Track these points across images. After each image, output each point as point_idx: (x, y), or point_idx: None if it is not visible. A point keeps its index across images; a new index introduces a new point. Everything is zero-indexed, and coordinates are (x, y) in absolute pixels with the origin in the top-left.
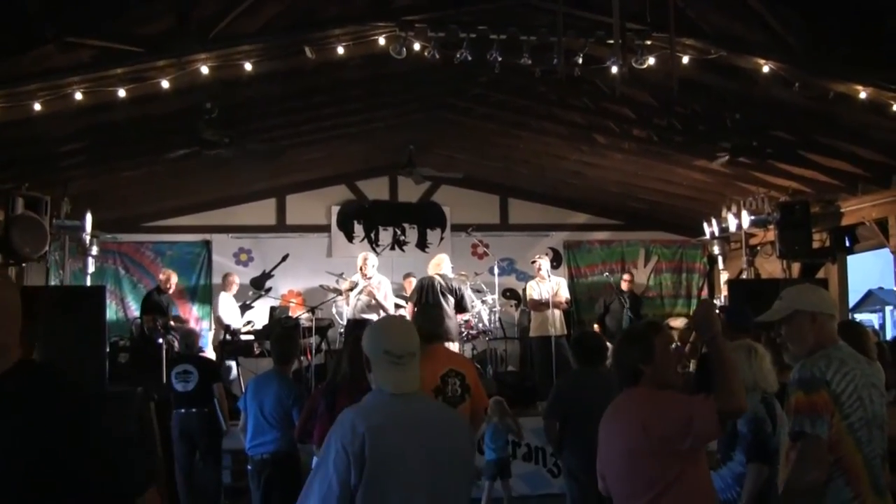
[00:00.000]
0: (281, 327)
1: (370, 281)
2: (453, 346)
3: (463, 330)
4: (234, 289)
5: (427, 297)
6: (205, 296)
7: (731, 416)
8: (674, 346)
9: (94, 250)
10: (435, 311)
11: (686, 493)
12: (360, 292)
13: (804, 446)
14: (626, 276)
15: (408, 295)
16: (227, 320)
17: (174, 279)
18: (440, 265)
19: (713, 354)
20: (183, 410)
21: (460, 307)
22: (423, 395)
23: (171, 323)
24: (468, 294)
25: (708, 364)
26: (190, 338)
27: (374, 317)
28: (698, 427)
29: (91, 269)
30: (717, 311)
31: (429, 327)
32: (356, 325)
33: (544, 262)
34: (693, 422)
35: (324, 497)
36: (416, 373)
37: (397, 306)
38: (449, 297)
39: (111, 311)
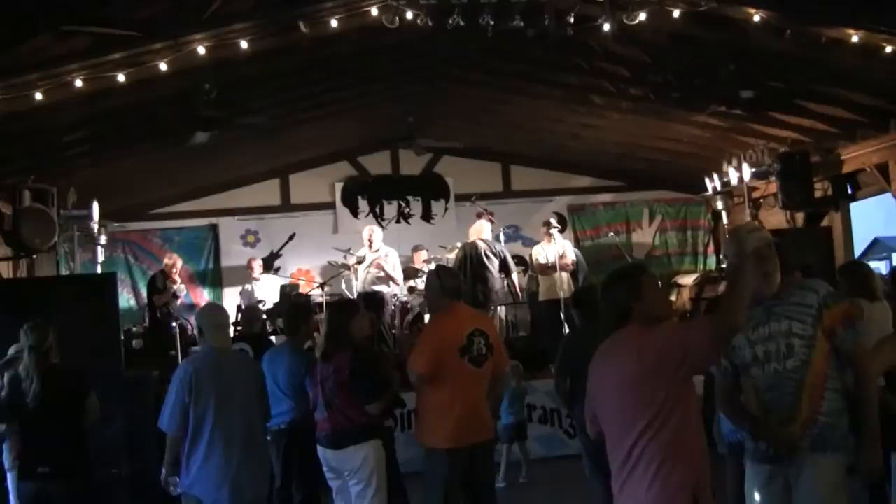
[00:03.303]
0: (290, 301)
1: (378, 253)
2: (500, 310)
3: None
4: (257, 271)
5: (471, 261)
6: (214, 279)
7: (726, 333)
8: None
9: (103, 239)
10: (454, 272)
11: (678, 427)
12: (368, 265)
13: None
14: None
15: (417, 266)
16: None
17: (179, 264)
18: (481, 231)
19: (731, 271)
20: None
21: (505, 269)
22: (229, 348)
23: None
24: (509, 256)
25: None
26: (250, 314)
27: (384, 288)
28: (693, 346)
29: (101, 258)
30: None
31: (452, 284)
32: (367, 298)
33: (554, 227)
34: (688, 342)
35: (171, 407)
36: (228, 335)
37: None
38: (494, 259)
39: (123, 300)
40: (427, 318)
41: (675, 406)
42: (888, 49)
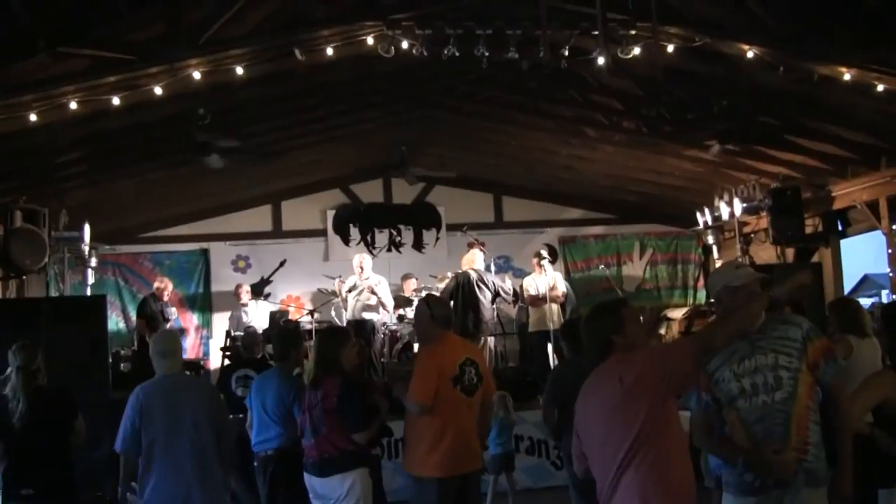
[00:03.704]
0: (280, 326)
1: (368, 281)
2: (490, 340)
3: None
4: (245, 297)
5: (463, 290)
6: (204, 304)
7: (706, 348)
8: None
9: (94, 262)
10: (444, 301)
11: (663, 452)
12: (359, 293)
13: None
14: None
15: (406, 295)
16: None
17: (170, 287)
18: (473, 261)
19: (747, 299)
20: (241, 416)
21: (498, 298)
22: (181, 374)
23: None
24: (503, 285)
25: None
26: (250, 340)
27: (374, 316)
28: (673, 362)
29: (91, 280)
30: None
31: (442, 313)
32: (357, 326)
33: (544, 259)
34: (667, 361)
35: (123, 430)
36: (178, 361)
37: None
38: (486, 290)
39: (112, 323)
40: (416, 346)
41: (658, 429)
42: (880, 87)
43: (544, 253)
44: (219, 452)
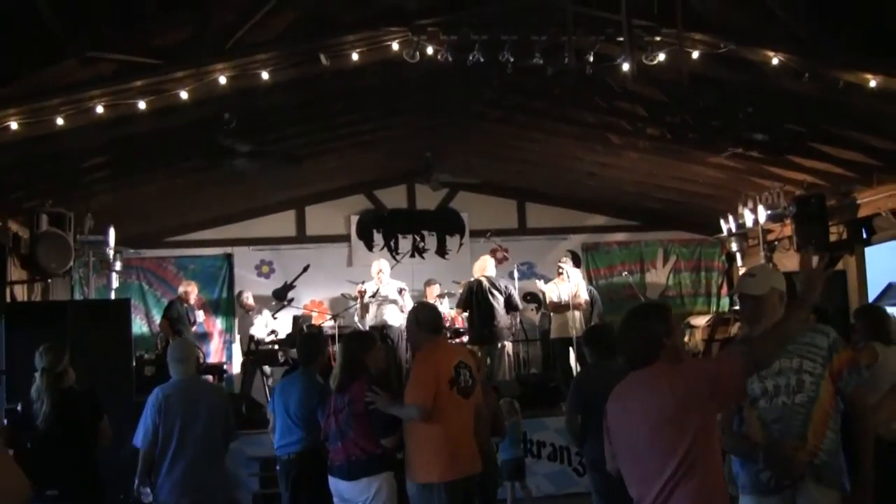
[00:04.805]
0: (304, 330)
1: (388, 287)
2: (508, 346)
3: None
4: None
5: (476, 297)
6: (228, 308)
7: (753, 370)
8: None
9: (118, 265)
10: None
11: (710, 464)
12: (383, 299)
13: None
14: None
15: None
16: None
17: (195, 291)
18: (485, 268)
19: (789, 309)
20: None
21: (510, 305)
22: (196, 377)
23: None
24: (515, 292)
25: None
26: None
27: (398, 321)
28: (724, 380)
29: (115, 284)
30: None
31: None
32: (381, 331)
33: (567, 265)
34: (719, 375)
35: (145, 431)
36: (192, 366)
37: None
38: (498, 296)
39: (136, 327)
40: None
41: (707, 441)
42: None
43: (567, 260)
44: (224, 450)
